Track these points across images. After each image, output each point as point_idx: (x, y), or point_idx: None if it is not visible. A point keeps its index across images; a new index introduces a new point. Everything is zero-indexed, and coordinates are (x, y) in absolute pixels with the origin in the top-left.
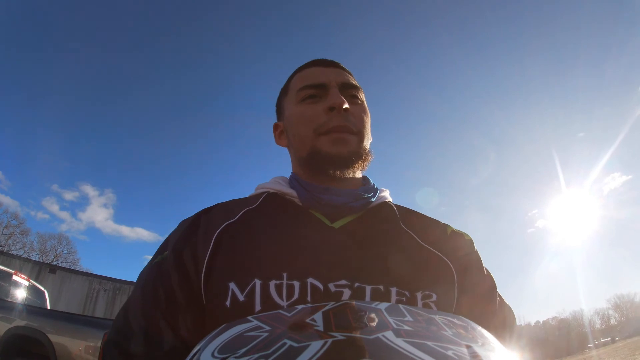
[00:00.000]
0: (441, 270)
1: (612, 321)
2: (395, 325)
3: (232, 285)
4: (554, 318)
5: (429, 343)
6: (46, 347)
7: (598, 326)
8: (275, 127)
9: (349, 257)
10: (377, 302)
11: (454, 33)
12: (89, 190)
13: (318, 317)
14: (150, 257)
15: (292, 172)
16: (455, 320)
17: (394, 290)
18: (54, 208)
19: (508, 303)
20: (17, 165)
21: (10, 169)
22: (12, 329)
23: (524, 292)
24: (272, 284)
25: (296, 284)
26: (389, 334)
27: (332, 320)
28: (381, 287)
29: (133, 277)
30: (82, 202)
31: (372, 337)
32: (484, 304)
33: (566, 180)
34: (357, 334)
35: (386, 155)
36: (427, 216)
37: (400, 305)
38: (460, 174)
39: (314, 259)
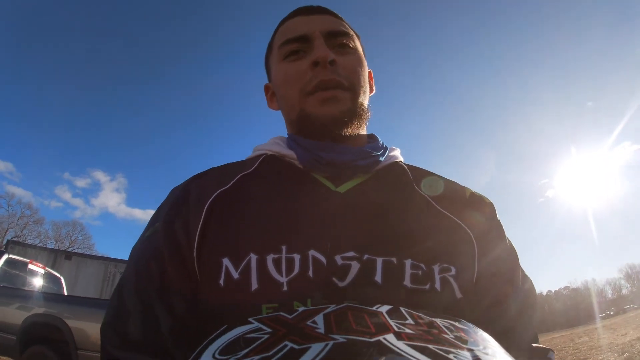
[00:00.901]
0: (461, 240)
1: (624, 291)
2: (396, 328)
3: (225, 261)
4: (565, 288)
5: (430, 346)
6: (64, 332)
7: (610, 296)
8: (266, 89)
9: (356, 225)
10: (378, 305)
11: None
12: (100, 176)
13: (319, 319)
14: None
15: (289, 133)
16: (456, 324)
17: (408, 262)
18: (67, 196)
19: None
20: (28, 157)
21: (21, 160)
22: (30, 317)
23: (535, 262)
24: (269, 258)
25: (296, 257)
26: (390, 337)
27: (333, 323)
28: (394, 259)
29: None
30: (94, 188)
31: (373, 340)
32: (504, 283)
33: (576, 149)
34: (359, 337)
35: (392, 126)
36: (443, 177)
37: (402, 308)
38: (470, 145)
39: (317, 229)
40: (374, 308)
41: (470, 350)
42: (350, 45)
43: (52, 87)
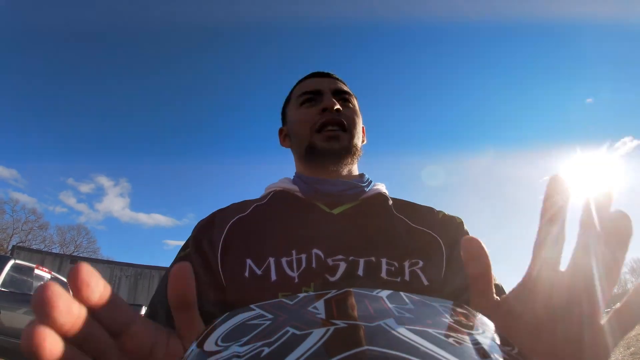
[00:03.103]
0: (430, 244)
1: (629, 285)
2: (396, 313)
3: (249, 261)
4: None
5: (430, 330)
6: None
7: (615, 291)
8: (280, 131)
9: (345, 236)
10: (378, 290)
11: None
12: (104, 181)
13: (320, 305)
14: (169, 241)
15: (295, 172)
16: (456, 308)
17: (384, 260)
18: (71, 201)
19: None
20: (32, 164)
21: (25, 167)
22: None
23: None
24: (284, 260)
25: (303, 256)
26: (390, 322)
27: (333, 308)
28: (372, 259)
29: (153, 261)
30: (98, 193)
31: (373, 324)
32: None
33: (576, 146)
34: (359, 322)
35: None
36: (420, 205)
37: (402, 293)
38: (467, 142)
39: (317, 238)
40: (374, 293)
41: (469, 334)
42: (350, 102)
43: (55, 93)
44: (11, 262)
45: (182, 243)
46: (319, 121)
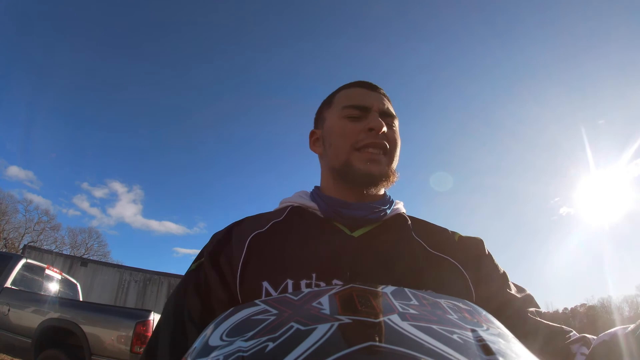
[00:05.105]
0: (449, 271)
1: None
2: (400, 309)
3: (265, 284)
4: (582, 305)
5: (435, 327)
6: (79, 337)
7: (627, 313)
8: (312, 133)
9: (365, 262)
10: (383, 286)
11: (480, 16)
12: (118, 187)
13: (324, 300)
14: (179, 249)
15: (314, 187)
16: (460, 305)
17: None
18: (85, 205)
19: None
20: (48, 166)
21: (41, 169)
22: (46, 321)
23: (551, 279)
24: (303, 282)
25: (322, 283)
26: (395, 318)
27: (338, 304)
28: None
29: (163, 268)
30: (112, 199)
31: (377, 320)
32: (499, 286)
33: (590, 166)
34: (363, 317)
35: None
36: (436, 225)
37: (406, 289)
38: (478, 162)
39: (338, 263)
40: (378, 289)
41: (474, 330)
42: (395, 125)
43: (75, 98)
44: (23, 261)
45: (191, 251)
46: (363, 141)
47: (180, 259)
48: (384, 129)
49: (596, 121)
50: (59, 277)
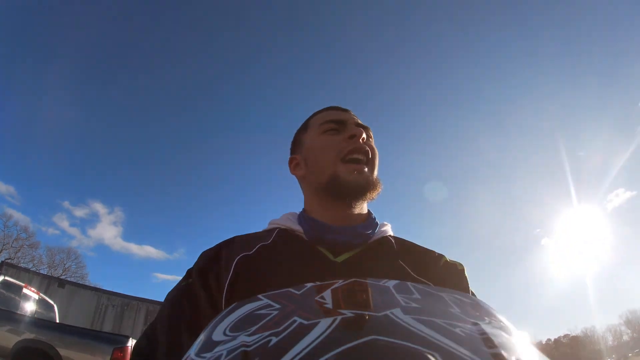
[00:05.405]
0: None
1: (625, 337)
2: (403, 303)
3: None
4: (565, 335)
5: (437, 320)
6: (55, 359)
7: (610, 343)
8: (291, 160)
9: None
10: (385, 280)
11: (458, 37)
12: (99, 207)
13: (327, 294)
14: (158, 274)
15: (302, 209)
16: (463, 298)
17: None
18: (65, 224)
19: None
20: (29, 182)
21: (22, 185)
22: (21, 342)
23: (534, 309)
24: None
25: None
26: (397, 312)
27: (341, 298)
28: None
29: (141, 293)
30: (92, 219)
31: (380, 314)
32: None
33: (570, 198)
34: (366, 312)
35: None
36: (423, 248)
37: (409, 283)
38: (461, 196)
39: None
40: (381, 283)
41: (476, 324)
42: (371, 135)
43: (60, 114)
44: (1, 278)
45: (171, 277)
46: (347, 148)
47: (159, 285)
48: (364, 135)
49: (577, 153)
50: (37, 297)
